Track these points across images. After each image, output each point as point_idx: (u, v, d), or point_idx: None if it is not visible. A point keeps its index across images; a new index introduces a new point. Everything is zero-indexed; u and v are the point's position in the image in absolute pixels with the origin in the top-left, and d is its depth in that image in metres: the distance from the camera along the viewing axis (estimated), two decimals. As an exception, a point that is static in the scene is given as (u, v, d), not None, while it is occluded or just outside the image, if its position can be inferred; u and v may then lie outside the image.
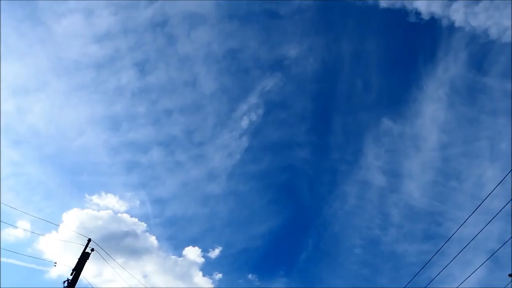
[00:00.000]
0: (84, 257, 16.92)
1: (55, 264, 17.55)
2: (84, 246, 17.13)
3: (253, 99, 59.35)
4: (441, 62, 55.65)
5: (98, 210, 49.53)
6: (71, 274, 16.69)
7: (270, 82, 59.83)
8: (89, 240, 17.29)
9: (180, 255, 54.50)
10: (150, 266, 51.13)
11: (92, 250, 17.28)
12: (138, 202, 55.10)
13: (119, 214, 51.09)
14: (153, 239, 52.37)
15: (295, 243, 59.97)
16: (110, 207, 52.10)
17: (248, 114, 60.23)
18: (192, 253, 53.47)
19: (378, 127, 60.17)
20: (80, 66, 55.49)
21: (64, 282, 16.27)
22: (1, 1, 43.67)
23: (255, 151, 63.74)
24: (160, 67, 59.60)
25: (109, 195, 52.48)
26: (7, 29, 46.35)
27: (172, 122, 60.52)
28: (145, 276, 47.02)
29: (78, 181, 55.03)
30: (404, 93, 60.82)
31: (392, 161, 59.83)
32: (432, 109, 57.50)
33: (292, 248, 59.35)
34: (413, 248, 52.13)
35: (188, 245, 57.69)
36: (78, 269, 16.71)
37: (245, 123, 59.84)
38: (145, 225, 52.24)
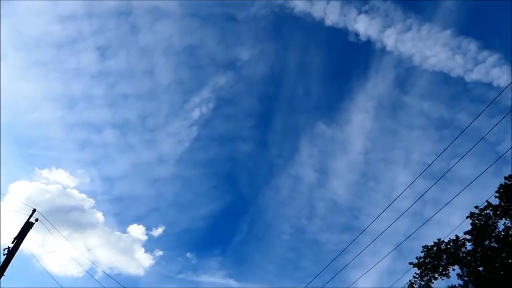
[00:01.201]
0: (27, 226, 17.18)
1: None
2: (28, 216, 17.40)
3: (205, 93, 61.17)
4: (372, 78, 61.95)
5: (47, 184, 48.30)
6: (12, 243, 16.90)
7: (222, 80, 62.17)
8: (33, 210, 17.56)
9: (124, 232, 55.27)
10: (94, 240, 51.03)
11: (37, 220, 17.57)
12: (88, 179, 54.49)
13: (68, 190, 50.16)
14: (99, 215, 52.32)
15: (231, 226, 63.32)
16: (59, 182, 50.87)
17: (199, 107, 62.00)
18: (136, 230, 54.39)
19: (313, 129, 65.45)
20: (40, 44, 53.44)
21: (5, 249, 16.49)
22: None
23: (203, 141, 65.68)
24: (120, 54, 58.95)
25: (60, 170, 51.25)
26: None
27: (127, 106, 60.38)
28: (88, 250, 46.80)
29: (29, 154, 53.14)
30: (338, 101, 66.94)
31: (322, 160, 65.27)
32: (360, 118, 63.85)
33: (229, 231, 62.68)
34: (334, 238, 57.73)
35: (133, 223, 58.63)
36: (20, 238, 16.95)
37: (196, 114, 61.53)
38: (93, 201, 51.90)
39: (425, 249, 22.88)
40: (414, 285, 22.99)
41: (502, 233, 21.02)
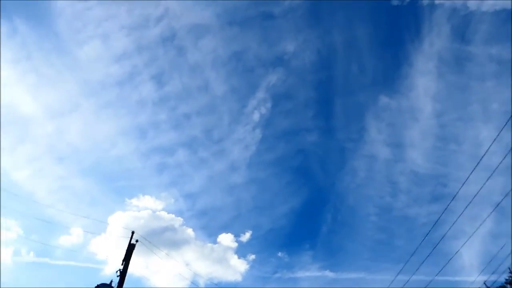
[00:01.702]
0: (130, 248, 18.92)
1: (107, 258, 19.57)
2: (129, 239, 19.16)
3: (260, 94, 62.08)
4: (426, 37, 57.46)
5: (139, 211, 52.93)
6: (121, 265, 18.72)
7: (273, 77, 62.57)
8: (132, 232, 19.30)
9: (215, 242, 58.20)
10: (190, 254, 54.64)
11: (137, 241, 19.29)
12: (172, 200, 58.59)
13: (157, 213, 54.44)
14: (190, 231, 55.89)
15: (315, 218, 63.12)
16: (148, 207, 55.41)
17: (258, 108, 63.08)
18: (226, 239, 57.05)
19: (376, 104, 62.55)
20: (105, 86, 58.85)
21: (117, 271, 18.31)
22: (32, 36, 46.19)
23: (269, 140, 66.47)
24: (174, 77, 62.50)
25: (146, 196, 55.78)
26: (39, 61, 49.45)
27: (191, 124, 63.61)
28: (187, 264, 50.14)
29: (118, 187, 58.66)
30: (396, 70, 63.14)
31: (393, 133, 62.13)
32: (424, 82, 59.56)
33: (313, 223, 62.54)
34: (423, 210, 54.60)
35: (221, 232, 61.54)
36: (127, 259, 18.72)
37: (256, 116, 62.65)
38: (181, 219, 55.70)
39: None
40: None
41: None
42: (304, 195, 66.51)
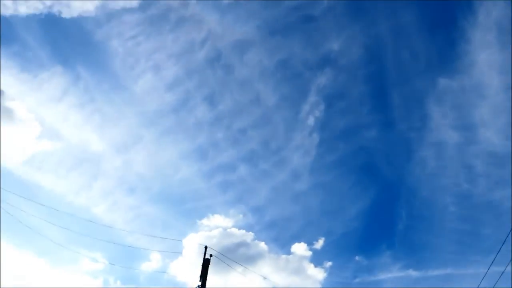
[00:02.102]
0: (206, 263, 18.75)
1: (186, 279, 19.55)
2: (204, 255, 19.05)
3: (312, 98, 61.15)
4: (480, 9, 52.41)
5: (210, 230, 54.11)
6: (199, 281, 18.59)
7: (323, 79, 61.35)
8: (205, 247, 19.14)
9: (289, 253, 57.37)
10: (266, 268, 54.36)
11: (211, 255, 19.09)
12: (240, 215, 59.17)
13: (228, 230, 55.33)
14: (262, 244, 55.80)
15: (388, 216, 59.60)
16: (219, 226, 56.60)
17: (311, 113, 62.16)
18: (299, 248, 56.00)
19: (436, 88, 58.08)
20: (161, 114, 61.90)
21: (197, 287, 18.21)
22: (92, 80, 50.27)
23: (327, 143, 64.86)
24: (225, 95, 63.93)
25: (216, 215, 57.00)
26: (101, 102, 53.85)
27: (248, 139, 64.23)
28: (264, 278, 49.87)
29: (187, 209, 60.67)
30: (452, 49, 58.25)
31: (460, 115, 57.00)
32: (485, 56, 54.10)
33: (387, 221, 59.04)
34: (508, 192, 48.86)
35: (294, 242, 60.45)
36: (204, 275, 18.56)
37: (311, 121, 61.75)
38: (252, 234, 55.88)
39: None
40: None
41: None
42: (372, 194, 63.40)
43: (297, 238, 68.88)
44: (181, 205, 62.33)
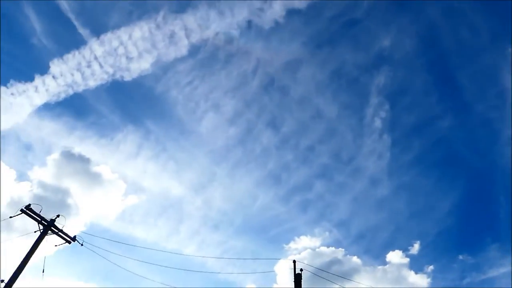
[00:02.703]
0: (297, 278, 17.54)
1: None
2: (294, 270, 17.88)
3: (374, 100, 58.52)
4: None
5: (299, 253, 52.63)
6: (294, 299, 17.32)
7: (381, 78, 58.73)
8: (294, 262, 18.00)
9: (385, 263, 53.22)
10: (365, 282, 50.74)
11: (301, 270, 17.86)
12: (326, 233, 56.95)
13: (317, 250, 53.31)
14: (355, 259, 52.64)
15: (485, 206, 52.94)
16: (307, 247, 54.85)
17: (376, 115, 59.24)
18: (395, 257, 51.73)
19: (506, 58, 52.00)
20: (229, 148, 63.72)
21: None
22: (161, 131, 53.78)
23: (401, 142, 60.79)
24: (286, 117, 64.12)
25: (301, 237, 55.53)
26: (173, 149, 57.21)
27: (318, 154, 62.95)
28: None
29: (272, 236, 60.28)
30: None
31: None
32: None
33: (486, 211, 52.39)
34: None
35: (388, 251, 56.25)
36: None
37: (378, 123, 58.70)
38: (342, 249, 53.14)
39: None
40: None
41: None
42: (462, 185, 57.19)
43: (390, 246, 63.82)
44: (265, 233, 61.57)
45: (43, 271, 17.58)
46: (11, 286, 15.22)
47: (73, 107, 57.43)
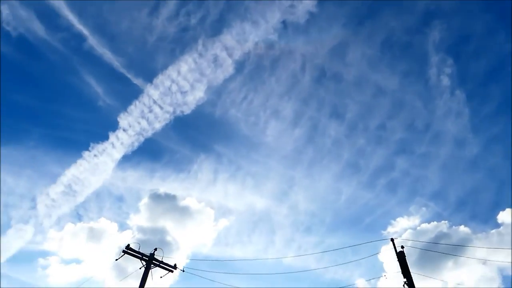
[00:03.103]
0: (400, 257, 16.48)
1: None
2: (394, 249, 16.89)
3: (434, 58, 55.25)
4: None
5: (400, 236, 50.33)
6: (404, 278, 16.32)
7: (435, 34, 55.12)
8: (392, 240, 16.97)
9: (497, 226, 48.77)
10: (479, 251, 46.68)
11: (402, 247, 16.78)
12: (423, 208, 53.95)
13: (418, 228, 50.59)
14: (462, 228, 49.90)
15: None
16: (407, 228, 52.37)
17: (441, 72, 55.29)
18: (507, 216, 46.88)
19: None
20: (299, 150, 63.66)
21: (403, 284, 15.96)
22: (230, 150, 55.86)
23: (476, 93, 55.68)
24: (347, 103, 62.61)
25: (398, 219, 52.99)
26: (246, 165, 58.41)
27: (391, 131, 59.98)
28: (484, 262, 42.87)
29: (367, 225, 58.41)
30: None
31: None
32: None
33: None
34: None
35: (497, 212, 51.52)
36: (404, 270, 16.30)
37: (445, 81, 55.03)
38: (446, 222, 49.73)
39: None
40: None
41: None
42: None
43: (498, 206, 57.41)
44: (359, 224, 59.35)
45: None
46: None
47: (148, 152, 61.72)
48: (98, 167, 42.71)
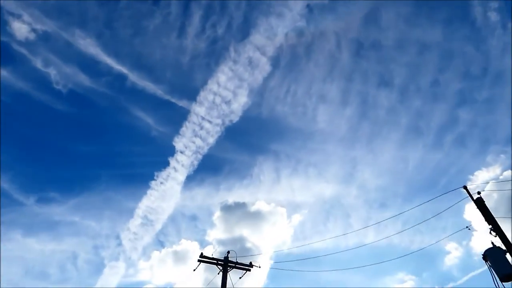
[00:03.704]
0: (479, 203, 15.17)
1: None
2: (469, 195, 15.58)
3: None
4: None
5: (483, 190, 46.95)
6: (489, 225, 14.98)
7: None
8: (465, 187, 15.66)
9: None
10: None
11: (479, 193, 15.42)
12: (501, 156, 49.93)
13: (501, 177, 46.42)
14: None
15: None
16: (488, 179, 48.65)
17: (488, 10, 50.41)
18: None
19: None
20: (355, 128, 61.89)
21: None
22: (291, 149, 56.10)
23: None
24: (392, 68, 59.78)
25: (476, 173, 49.74)
26: (306, 157, 58.15)
27: (445, 85, 56.26)
28: None
29: (444, 185, 55.11)
30: None
31: None
32: None
33: None
34: None
35: None
36: (486, 215, 14.97)
37: (494, 16, 50.61)
38: None
39: None
40: None
41: None
42: None
43: None
44: (434, 188, 55.70)
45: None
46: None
47: (209, 167, 63.64)
48: (166, 193, 44.88)
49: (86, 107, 59.11)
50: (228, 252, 19.29)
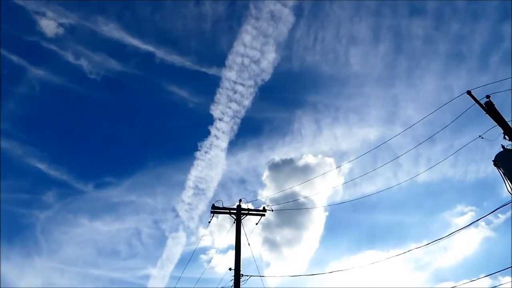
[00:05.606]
0: (489, 107, 13.40)
1: None
2: None
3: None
4: None
5: None
6: None
7: None
8: (468, 92, 13.86)
9: None
10: None
11: (488, 97, 13.58)
12: None
13: None
14: None
15: None
16: None
17: None
18: None
19: None
20: (391, 63, 58.62)
21: None
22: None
23: None
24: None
25: None
26: (345, 103, 56.61)
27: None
28: None
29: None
30: None
31: None
32: None
33: None
34: None
35: None
36: None
37: None
38: None
39: None
40: None
41: None
42: None
43: None
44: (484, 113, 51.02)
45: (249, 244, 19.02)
46: (239, 269, 17.21)
47: (249, 130, 63.45)
48: (212, 161, 45.87)
49: (121, 91, 61.08)
50: (240, 200, 19.26)
